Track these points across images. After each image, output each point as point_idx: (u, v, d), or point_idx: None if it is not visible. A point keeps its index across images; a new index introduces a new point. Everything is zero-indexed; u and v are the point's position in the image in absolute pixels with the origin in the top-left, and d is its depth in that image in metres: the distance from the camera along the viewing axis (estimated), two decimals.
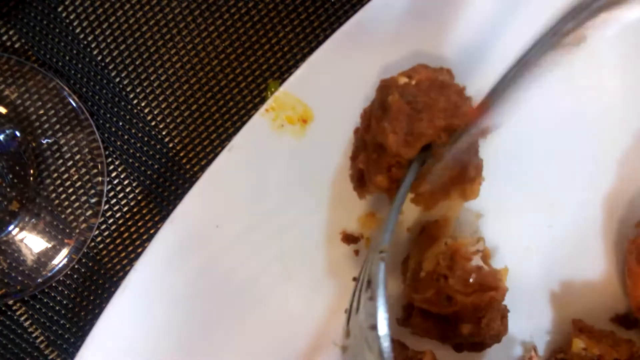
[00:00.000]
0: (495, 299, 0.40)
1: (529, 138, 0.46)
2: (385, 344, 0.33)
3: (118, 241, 0.52)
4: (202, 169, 0.51)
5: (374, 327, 0.33)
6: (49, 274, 0.50)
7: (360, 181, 0.43)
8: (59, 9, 0.51)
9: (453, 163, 0.40)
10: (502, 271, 0.43)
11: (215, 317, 0.45)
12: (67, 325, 0.51)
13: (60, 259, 0.50)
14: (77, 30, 0.51)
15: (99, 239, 0.51)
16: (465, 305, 0.40)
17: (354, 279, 0.40)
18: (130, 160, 0.51)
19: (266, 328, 0.46)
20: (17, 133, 0.50)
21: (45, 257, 0.50)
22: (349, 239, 0.46)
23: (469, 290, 0.40)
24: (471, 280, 0.40)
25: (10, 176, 0.49)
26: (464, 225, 0.45)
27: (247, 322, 0.45)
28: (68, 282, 0.51)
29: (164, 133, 0.52)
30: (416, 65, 0.42)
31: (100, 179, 0.50)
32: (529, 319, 0.46)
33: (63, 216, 0.50)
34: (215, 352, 0.45)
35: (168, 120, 0.52)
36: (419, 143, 0.38)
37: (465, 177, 0.41)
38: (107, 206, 0.51)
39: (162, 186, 0.52)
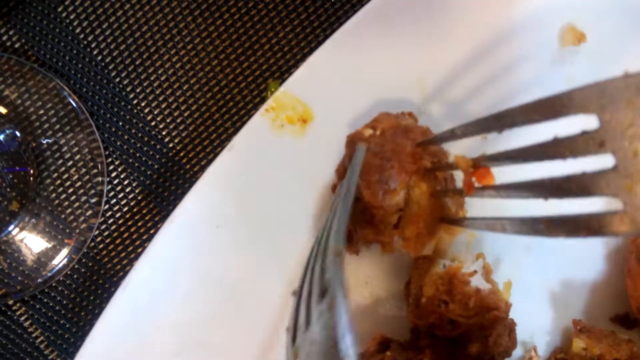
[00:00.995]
0: (499, 317, 0.40)
1: (529, 136, 0.46)
2: None
3: (118, 241, 0.52)
4: (202, 169, 0.51)
5: (336, 344, 0.27)
6: (49, 274, 0.50)
7: (348, 238, 0.42)
8: (59, 9, 0.51)
9: (432, 203, 0.40)
10: (505, 285, 0.43)
11: (214, 317, 0.45)
12: (67, 325, 0.51)
13: (60, 259, 0.50)
14: (77, 30, 0.51)
15: (99, 239, 0.51)
16: (470, 327, 0.40)
17: (294, 292, 0.35)
18: (130, 160, 0.51)
19: (266, 327, 0.45)
20: (17, 133, 0.50)
21: (45, 257, 0.50)
22: (348, 240, 0.46)
23: (471, 313, 0.40)
24: (471, 304, 0.40)
25: (10, 176, 0.49)
26: (461, 244, 0.45)
27: (247, 321, 0.45)
28: (68, 282, 0.51)
29: (164, 133, 0.52)
30: (378, 114, 0.42)
31: (100, 179, 0.50)
32: (529, 319, 0.46)
33: (63, 216, 0.50)
34: (214, 352, 0.45)
35: (168, 120, 0.52)
36: (394, 190, 0.38)
37: (448, 214, 0.41)
38: (107, 206, 0.51)
39: (162, 186, 0.52)
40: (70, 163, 0.50)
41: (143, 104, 0.51)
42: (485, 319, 0.40)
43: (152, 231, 0.52)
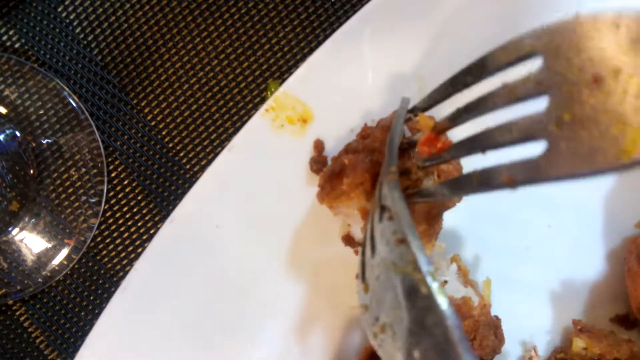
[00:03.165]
0: (478, 320, 0.40)
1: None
2: (419, 251, 0.29)
3: (118, 241, 0.52)
4: (202, 169, 0.51)
5: (401, 241, 0.30)
6: (49, 274, 0.50)
7: (333, 180, 0.41)
8: (59, 9, 0.51)
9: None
10: (484, 283, 0.43)
11: (214, 317, 0.45)
12: (67, 325, 0.51)
13: (60, 259, 0.50)
14: (77, 30, 0.51)
15: (99, 239, 0.51)
16: None
17: (358, 243, 0.39)
18: (130, 160, 0.51)
19: (266, 326, 0.46)
20: (17, 133, 0.50)
21: (45, 257, 0.50)
22: (349, 240, 0.46)
23: None
24: None
25: (10, 176, 0.49)
26: (436, 254, 0.44)
27: (247, 321, 0.45)
28: (68, 282, 0.51)
29: (164, 133, 0.52)
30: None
31: (100, 179, 0.50)
32: (529, 319, 0.46)
33: (63, 216, 0.50)
34: (214, 351, 0.45)
35: (168, 120, 0.52)
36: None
37: (431, 226, 0.40)
38: (107, 206, 0.51)
39: (162, 186, 0.52)
40: (70, 163, 0.50)
41: (143, 104, 0.51)
42: (465, 325, 0.39)
43: (152, 231, 0.52)
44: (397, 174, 0.34)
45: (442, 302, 0.28)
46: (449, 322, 0.27)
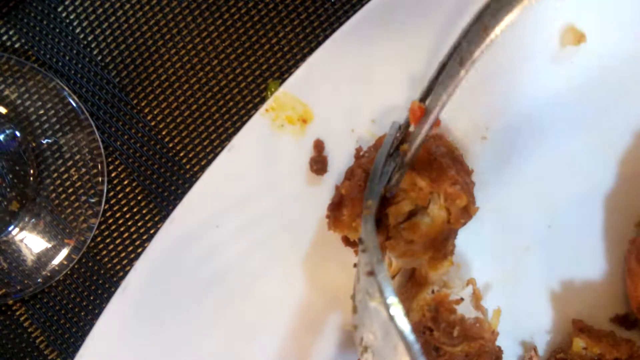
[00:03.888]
0: (485, 345, 0.40)
1: (529, 138, 0.46)
2: (385, 283, 0.32)
3: (118, 241, 0.52)
4: (202, 169, 0.51)
5: (370, 274, 0.33)
6: (49, 274, 0.50)
7: (336, 211, 0.42)
8: (59, 9, 0.51)
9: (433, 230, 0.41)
10: (494, 312, 0.43)
11: (214, 317, 0.45)
12: (67, 325, 0.51)
13: (60, 259, 0.50)
14: (77, 30, 0.51)
15: (99, 239, 0.51)
16: (454, 354, 0.40)
17: (355, 265, 0.40)
18: (130, 160, 0.51)
19: (266, 326, 0.46)
20: (17, 133, 0.50)
21: (45, 257, 0.50)
22: (349, 241, 0.46)
23: (455, 342, 0.40)
24: (455, 333, 0.40)
25: (10, 176, 0.49)
26: (450, 269, 0.45)
27: (246, 321, 0.45)
28: (68, 282, 0.51)
29: (164, 133, 0.52)
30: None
31: (100, 179, 0.50)
32: (529, 319, 0.46)
33: (63, 216, 0.50)
34: (215, 351, 0.45)
35: (168, 120, 0.52)
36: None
37: (440, 250, 0.41)
38: (107, 206, 0.51)
39: (162, 186, 0.52)
40: (70, 163, 0.50)
41: (143, 104, 0.51)
42: (470, 347, 0.40)
43: (152, 231, 0.52)
44: (373, 208, 0.37)
45: (404, 328, 0.31)
46: (412, 346, 0.30)
